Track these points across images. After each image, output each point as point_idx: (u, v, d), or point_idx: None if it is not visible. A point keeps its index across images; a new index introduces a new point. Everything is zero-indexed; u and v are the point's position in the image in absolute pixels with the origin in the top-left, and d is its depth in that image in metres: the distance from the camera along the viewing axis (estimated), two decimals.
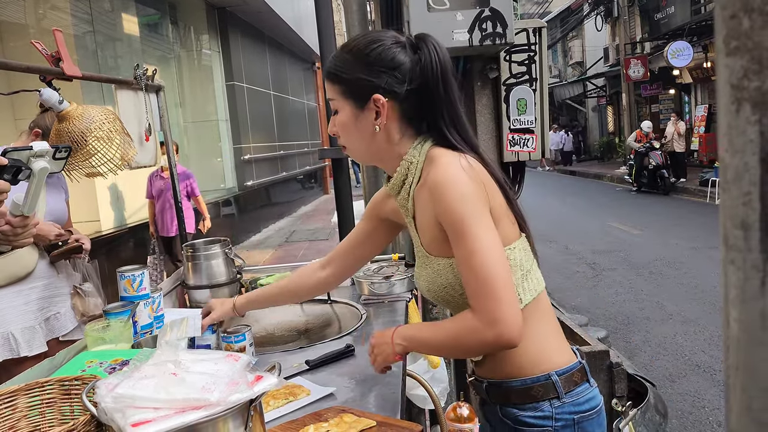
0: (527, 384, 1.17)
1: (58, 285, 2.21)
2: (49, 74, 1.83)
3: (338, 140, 1.28)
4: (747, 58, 0.37)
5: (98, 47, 6.42)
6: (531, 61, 2.65)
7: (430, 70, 1.17)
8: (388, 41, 1.18)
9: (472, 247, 1.08)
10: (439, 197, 1.12)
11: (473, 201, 1.10)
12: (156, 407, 0.89)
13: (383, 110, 1.18)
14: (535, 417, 1.17)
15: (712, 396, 3.64)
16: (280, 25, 11.55)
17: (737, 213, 0.38)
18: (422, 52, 1.18)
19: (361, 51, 1.19)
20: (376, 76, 1.17)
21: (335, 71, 1.21)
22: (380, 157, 1.25)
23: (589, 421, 1.19)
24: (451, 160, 1.14)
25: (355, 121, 1.21)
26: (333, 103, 1.24)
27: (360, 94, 1.18)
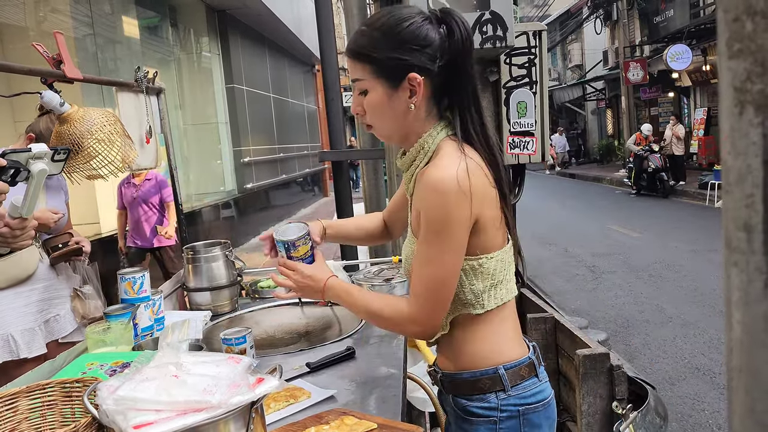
0: (476, 376, 1.24)
1: (58, 287, 2.21)
2: (50, 77, 1.83)
3: (362, 119, 1.26)
4: (750, 60, 0.37)
5: (98, 50, 6.43)
6: (531, 64, 2.65)
7: (458, 46, 1.16)
8: (419, 18, 1.16)
9: (430, 257, 1.15)
10: (425, 195, 1.14)
11: (455, 216, 1.12)
12: (157, 409, 0.89)
13: (419, 89, 1.16)
14: (481, 407, 1.23)
15: (711, 399, 3.64)
16: (280, 28, 11.56)
17: (740, 215, 0.39)
18: (450, 27, 1.16)
19: (392, 29, 1.15)
20: (411, 54, 1.14)
21: (364, 50, 1.17)
22: (407, 135, 1.24)
23: (536, 413, 1.24)
24: (450, 164, 1.14)
25: (388, 101, 1.18)
26: (361, 83, 1.20)
27: (394, 74, 1.16)
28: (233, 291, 2.25)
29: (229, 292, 2.22)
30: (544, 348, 2.39)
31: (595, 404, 1.94)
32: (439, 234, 1.13)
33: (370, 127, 1.26)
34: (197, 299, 2.20)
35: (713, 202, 10.62)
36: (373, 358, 1.62)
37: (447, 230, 1.13)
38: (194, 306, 2.21)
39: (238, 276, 2.28)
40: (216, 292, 2.19)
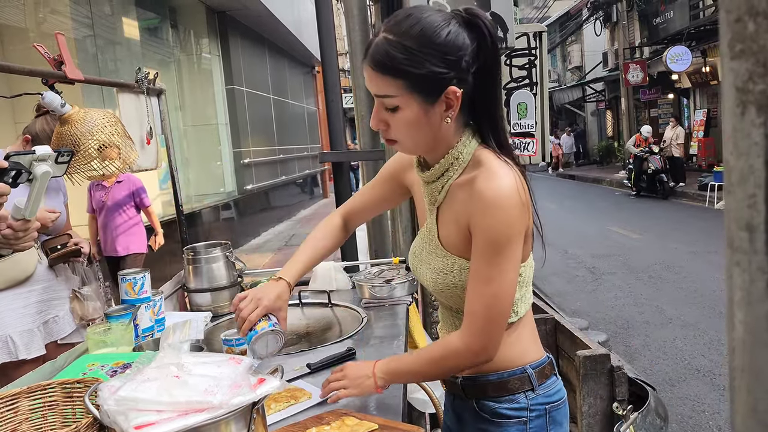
0: (504, 377, 1.22)
1: (57, 288, 2.21)
2: (51, 77, 1.83)
3: (385, 134, 1.16)
4: (752, 61, 0.37)
5: (98, 51, 6.44)
6: (531, 65, 2.66)
7: (488, 50, 1.10)
8: (453, 23, 1.07)
9: (492, 276, 1.09)
10: (486, 211, 1.08)
11: (516, 230, 1.09)
12: (159, 410, 0.89)
13: (457, 102, 1.09)
14: (511, 408, 1.22)
15: (712, 400, 3.64)
16: (280, 29, 11.57)
17: (742, 215, 0.39)
18: (479, 29, 1.09)
19: (430, 38, 1.05)
20: (450, 65, 1.06)
21: (399, 65, 1.05)
22: (435, 148, 1.16)
23: (558, 411, 1.25)
24: (506, 174, 1.09)
25: (423, 117, 1.09)
26: (391, 100, 1.09)
27: (432, 88, 1.07)
28: (233, 292, 2.24)
29: (229, 292, 2.22)
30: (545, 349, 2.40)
31: (595, 405, 1.94)
32: (500, 251, 1.08)
33: (392, 142, 1.16)
34: (198, 300, 2.20)
35: (713, 204, 10.62)
36: (373, 359, 1.61)
37: (509, 246, 1.09)
38: (195, 307, 2.21)
39: (239, 277, 2.28)
40: (216, 292, 2.19)
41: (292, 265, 1.45)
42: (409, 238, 2.93)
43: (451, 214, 1.17)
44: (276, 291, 1.37)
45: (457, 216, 1.15)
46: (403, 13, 1.09)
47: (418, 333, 2.22)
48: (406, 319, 1.99)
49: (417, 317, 2.33)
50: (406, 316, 2.02)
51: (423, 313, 2.78)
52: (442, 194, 1.19)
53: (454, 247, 1.18)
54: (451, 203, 1.17)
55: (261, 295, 1.34)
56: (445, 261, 1.20)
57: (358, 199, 1.53)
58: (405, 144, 1.16)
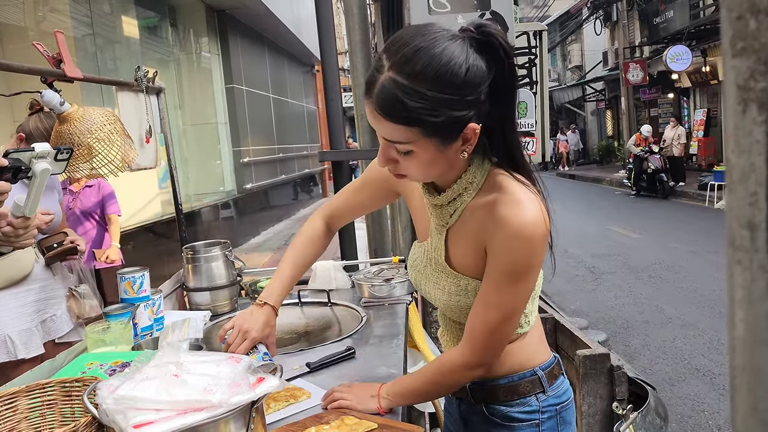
0: (514, 381, 1.21)
1: (54, 287, 2.21)
2: (50, 76, 1.83)
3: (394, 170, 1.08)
4: (753, 59, 0.37)
5: (98, 50, 6.43)
6: (531, 64, 2.66)
7: (503, 70, 1.00)
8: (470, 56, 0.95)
9: (502, 303, 1.08)
10: (509, 242, 1.04)
11: (537, 260, 1.07)
12: (157, 409, 0.89)
13: (475, 137, 1.01)
14: (523, 412, 1.20)
15: (711, 400, 3.64)
16: (280, 28, 11.56)
17: (743, 213, 0.38)
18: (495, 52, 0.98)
19: (447, 81, 0.93)
20: (470, 105, 0.97)
21: (411, 113, 0.94)
22: (446, 175, 1.10)
23: (567, 410, 1.25)
24: (530, 200, 1.04)
25: (439, 156, 1.02)
26: (404, 146, 1.00)
27: (451, 131, 0.99)
28: (233, 291, 2.24)
29: (228, 291, 2.22)
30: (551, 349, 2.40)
31: (595, 405, 1.94)
32: (515, 280, 1.06)
33: (401, 176, 1.08)
34: (197, 299, 2.19)
35: (713, 203, 10.62)
36: (372, 358, 1.61)
37: (525, 276, 1.07)
38: (194, 306, 2.21)
39: (238, 276, 2.28)
40: (215, 291, 2.18)
41: (275, 286, 1.43)
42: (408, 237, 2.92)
43: (465, 236, 1.13)
44: (262, 319, 1.37)
45: (473, 238, 1.11)
46: (411, 46, 0.95)
47: (418, 332, 2.22)
48: (406, 318, 1.99)
49: (416, 316, 2.33)
50: (406, 315, 2.01)
51: (422, 312, 2.78)
52: (455, 217, 1.14)
53: (467, 269, 1.14)
54: (466, 226, 1.12)
55: (247, 327, 1.34)
56: (458, 283, 1.16)
57: (341, 201, 1.46)
58: (416, 178, 1.11)
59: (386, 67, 0.96)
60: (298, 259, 1.46)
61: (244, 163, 10.12)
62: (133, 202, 6.52)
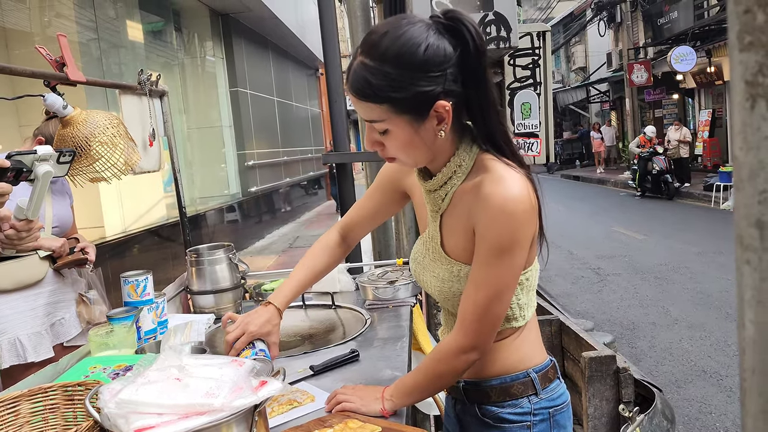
0: (507, 382, 1.21)
1: (64, 291, 2.22)
2: (53, 79, 1.83)
3: (383, 153, 1.14)
4: (762, 53, 0.36)
5: (102, 54, 6.45)
6: (535, 65, 2.64)
7: (474, 54, 1.04)
8: (431, 35, 1.02)
9: (490, 281, 1.09)
10: (494, 217, 1.06)
11: (523, 236, 1.08)
12: (159, 413, 0.88)
13: (448, 115, 1.05)
14: (515, 413, 1.21)
15: (719, 402, 3.62)
16: (284, 32, 11.59)
17: (752, 212, 0.38)
18: (461, 34, 1.03)
19: (409, 58, 1.00)
20: (435, 81, 1.02)
21: (381, 92, 1.02)
22: (435, 158, 1.14)
23: (561, 414, 1.25)
24: (514, 177, 1.07)
25: (414, 135, 1.06)
26: (380, 124, 1.07)
27: (420, 107, 1.04)
28: (237, 294, 2.24)
29: (232, 294, 2.21)
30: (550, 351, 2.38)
31: (601, 407, 1.93)
32: (501, 256, 1.07)
33: (392, 159, 1.14)
34: (200, 302, 2.19)
35: (719, 204, 10.58)
36: (377, 360, 1.61)
37: (511, 251, 1.07)
38: (197, 309, 2.20)
39: (242, 279, 2.28)
40: (219, 294, 2.18)
41: (283, 289, 1.45)
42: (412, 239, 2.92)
43: (457, 220, 1.15)
44: (265, 316, 1.38)
45: (463, 222, 1.13)
46: (379, 32, 1.04)
47: (422, 334, 2.21)
48: (410, 320, 1.98)
49: (421, 319, 2.32)
50: (410, 317, 2.00)
51: (427, 314, 2.77)
52: (446, 201, 1.17)
53: (460, 255, 1.16)
54: (456, 210, 1.15)
55: (248, 321, 1.36)
56: (450, 269, 1.18)
57: (355, 211, 1.49)
58: (404, 161, 1.14)
59: (358, 53, 1.06)
60: (309, 263, 1.49)
61: (248, 166, 10.13)
62: (138, 205, 6.53)
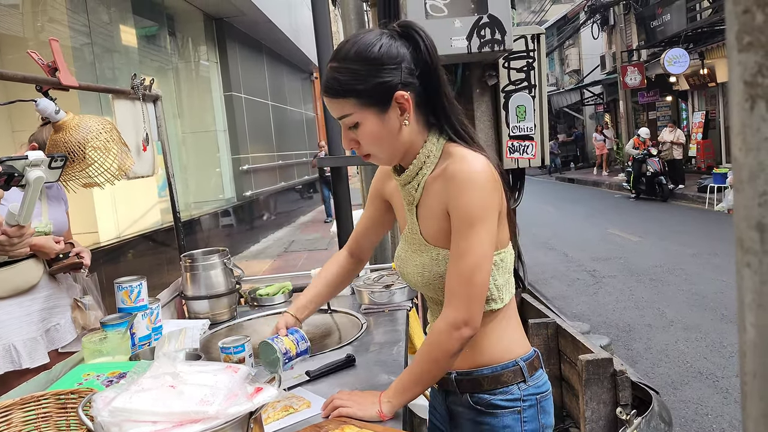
0: (497, 371, 1.28)
1: (59, 296, 2.20)
2: (45, 84, 1.82)
3: (359, 151, 1.25)
4: (761, 53, 0.36)
5: (96, 59, 6.43)
6: (530, 67, 2.64)
7: (426, 54, 1.19)
8: (384, 38, 1.18)
9: (468, 249, 1.16)
10: (461, 190, 1.16)
11: (490, 203, 1.17)
12: (154, 420, 0.87)
13: (408, 104, 1.18)
14: (506, 399, 1.28)
15: (715, 403, 3.62)
16: (278, 36, 11.58)
17: (752, 214, 0.37)
18: (413, 38, 1.19)
19: (366, 56, 1.16)
20: (391, 73, 1.16)
21: (346, 86, 1.17)
22: (405, 152, 1.24)
23: (546, 401, 1.33)
24: (476, 156, 1.19)
25: (381, 126, 1.19)
26: (349, 118, 1.19)
27: (381, 98, 1.17)
28: (232, 299, 2.23)
29: (227, 300, 2.20)
30: (546, 353, 2.38)
31: (598, 410, 1.92)
32: (473, 225, 1.15)
33: (368, 157, 1.25)
34: (195, 308, 2.18)
35: (713, 206, 10.62)
36: (373, 365, 1.60)
37: (482, 219, 1.15)
38: (192, 314, 2.19)
39: (237, 284, 2.26)
40: (214, 300, 2.17)
41: (298, 299, 1.57)
42: None
43: (430, 207, 1.25)
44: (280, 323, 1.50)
45: (436, 207, 1.22)
46: (343, 42, 1.21)
47: (419, 338, 2.20)
48: (406, 324, 1.97)
49: (417, 322, 2.31)
50: (406, 321, 2.00)
51: (423, 318, 2.76)
52: (419, 191, 1.26)
53: (438, 240, 1.24)
54: (429, 198, 1.25)
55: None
56: (430, 254, 1.26)
57: (358, 224, 1.60)
58: (378, 155, 1.24)
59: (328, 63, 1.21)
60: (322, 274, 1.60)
61: (243, 170, 10.11)
62: (133, 210, 6.50)
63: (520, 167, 2.74)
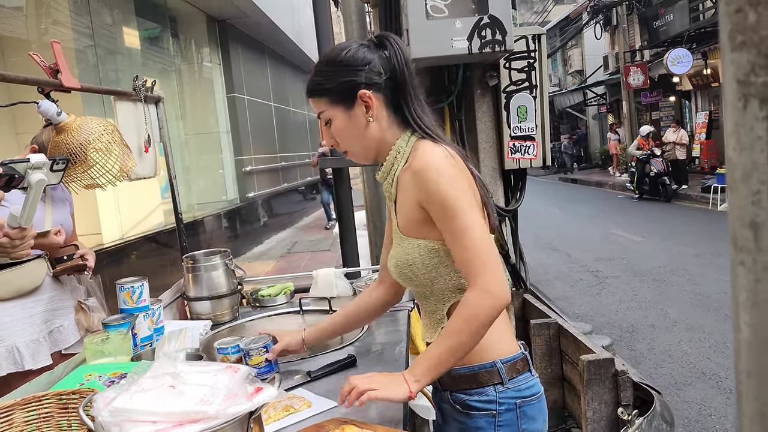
0: (474, 370, 1.28)
1: (62, 298, 2.20)
2: (47, 86, 1.82)
3: (338, 148, 1.37)
4: (754, 53, 0.36)
5: (99, 61, 6.45)
6: (531, 68, 2.64)
7: (397, 60, 1.30)
8: (354, 44, 1.32)
9: (464, 225, 1.19)
10: (425, 181, 1.21)
11: (460, 183, 1.22)
12: (154, 420, 0.87)
13: (371, 101, 1.28)
14: (480, 401, 1.27)
15: (718, 404, 3.61)
16: (280, 37, 11.59)
17: (746, 213, 0.37)
18: (387, 47, 1.31)
19: (334, 59, 1.31)
20: (354, 74, 1.28)
21: (318, 85, 1.32)
22: (379, 149, 1.34)
23: (530, 406, 1.29)
24: (435, 148, 1.25)
25: (349, 122, 1.30)
26: (323, 115, 1.33)
27: (346, 95, 1.29)
28: (233, 300, 2.23)
29: (229, 300, 2.20)
30: (548, 353, 2.37)
31: (600, 410, 1.92)
32: (456, 206, 1.19)
33: (346, 153, 1.37)
34: (197, 308, 2.18)
35: (716, 206, 10.59)
36: (374, 365, 1.60)
37: (457, 198, 1.19)
38: (194, 315, 2.19)
39: (239, 285, 2.27)
40: (216, 301, 2.17)
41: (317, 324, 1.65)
42: None
43: (402, 200, 1.30)
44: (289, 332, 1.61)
45: (407, 200, 1.28)
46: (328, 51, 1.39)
47: (420, 338, 2.20)
48: (408, 324, 1.97)
49: (418, 323, 2.31)
50: (408, 321, 2.00)
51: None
52: (394, 187, 1.33)
53: (411, 231, 1.29)
54: (402, 192, 1.30)
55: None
56: (403, 245, 1.31)
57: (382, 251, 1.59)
58: (352, 150, 1.35)
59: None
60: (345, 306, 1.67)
61: (246, 171, 10.12)
62: (136, 212, 6.51)
63: (521, 167, 2.74)
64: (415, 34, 2.37)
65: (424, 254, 1.27)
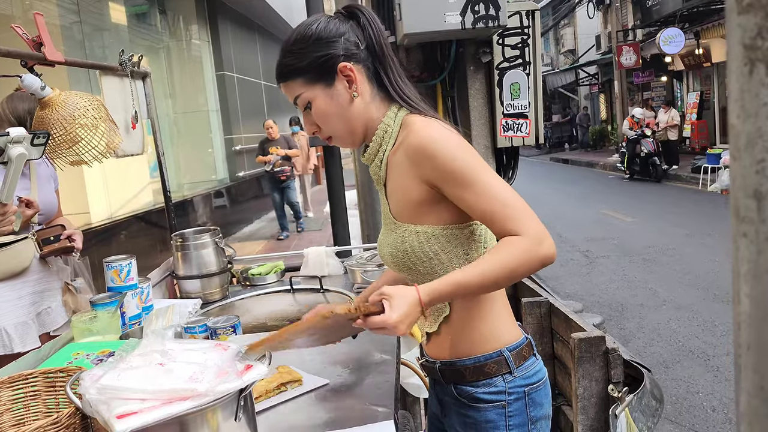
0: (480, 361, 1.20)
1: (50, 279, 2.17)
2: (30, 59, 1.78)
3: (320, 134, 1.25)
4: (761, 15, 0.34)
5: (85, 38, 6.33)
6: (524, 44, 2.61)
7: (372, 30, 1.21)
8: (322, 17, 1.22)
9: (489, 181, 1.10)
10: (430, 155, 1.11)
11: (467, 147, 1.14)
12: (142, 398, 0.86)
13: (353, 74, 1.18)
14: (489, 393, 1.20)
15: (705, 381, 3.65)
16: (271, 14, 11.44)
17: (749, 182, 0.36)
18: (358, 17, 1.22)
19: (304, 35, 1.19)
20: (330, 46, 1.17)
21: (291, 67, 1.19)
22: (365, 128, 1.22)
23: (537, 392, 1.24)
24: (430, 121, 1.17)
25: (331, 101, 1.19)
26: (302, 98, 1.20)
27: (324, 72, 1.18)
28: (223, 278, 2.22)
29: (219, 279, 2.19)
30: (540, 332, 2.38)
31: (590, 388, 1.93)
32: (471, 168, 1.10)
33: (330, 139, 1.25)
34: (187, 287, 2.17)
35: (706, 186, 10.64)
36: (366, 343, 1.59)
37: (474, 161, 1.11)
38: (184, 294, 2.18)
39: (229, 263, 2.25)
40: (206, 279, 2.16)
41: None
42: None
43: (395, 182, 1.20)
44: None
45: (401, 180, 1.18)
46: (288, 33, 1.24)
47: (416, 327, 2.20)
48: None
49: None
50: None
51: None
52: (383, 168, 1.23)
53: (403, 215, 1.19)
54: (393, 173, 1.21)
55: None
56: (398, 232, 1.20)
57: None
58: (336, 133, 1.23)
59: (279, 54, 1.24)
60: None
61: (236, 150, 10.04)
62: (124, 191, 6.46)
63: (514, 145, 2.73)
64: (408, 8, 2.33)
65: (423, 242, 1.16)
